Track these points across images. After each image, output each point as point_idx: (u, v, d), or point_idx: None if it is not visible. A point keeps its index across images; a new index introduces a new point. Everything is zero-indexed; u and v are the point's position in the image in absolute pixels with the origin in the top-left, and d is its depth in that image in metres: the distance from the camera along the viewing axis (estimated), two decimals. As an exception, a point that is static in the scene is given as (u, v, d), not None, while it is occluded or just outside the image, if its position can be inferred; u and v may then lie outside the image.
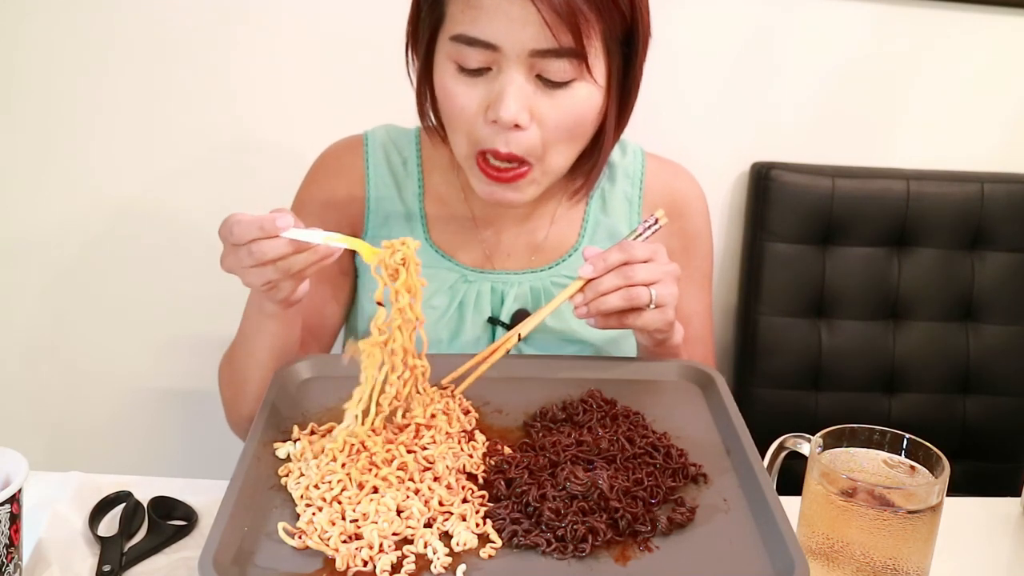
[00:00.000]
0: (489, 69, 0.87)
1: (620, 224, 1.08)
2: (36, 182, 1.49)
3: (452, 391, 0.88)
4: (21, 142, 1.47)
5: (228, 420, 1.04)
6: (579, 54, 0.85)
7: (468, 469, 0.76)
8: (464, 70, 0.88)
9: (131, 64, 1.43)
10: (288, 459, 0.77)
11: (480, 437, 0.81)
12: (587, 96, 0.89)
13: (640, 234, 0.94)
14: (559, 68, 0.86)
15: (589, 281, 0.88)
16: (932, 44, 1.51)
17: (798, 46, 1.50)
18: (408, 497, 0.71)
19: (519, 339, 0.90)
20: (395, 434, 0.79)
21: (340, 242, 0.80)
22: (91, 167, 1.49)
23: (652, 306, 0.88)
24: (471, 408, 0.86)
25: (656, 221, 0.94)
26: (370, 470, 0.74)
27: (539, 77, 0.87)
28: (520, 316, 1.03)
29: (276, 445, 0.79)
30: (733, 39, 1.49)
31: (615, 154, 1.09)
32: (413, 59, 0.96)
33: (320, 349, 1.08)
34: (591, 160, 0.98)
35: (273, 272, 0.79)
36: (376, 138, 1.07)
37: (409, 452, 0.77)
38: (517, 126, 0.87)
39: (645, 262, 0.87)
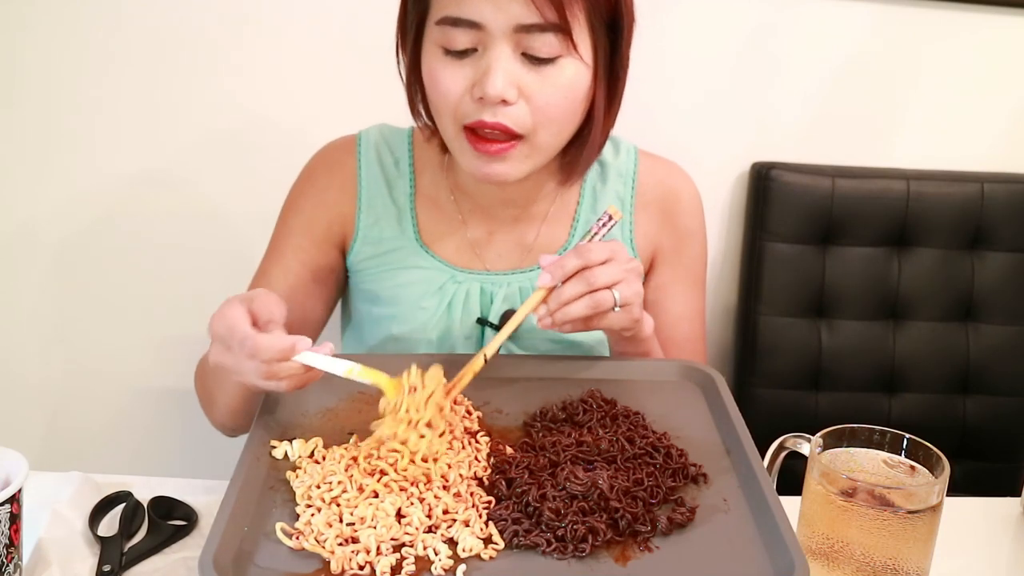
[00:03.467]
0: (475, 50, 0.88)
1: None
2: (36, 180, 1.49)
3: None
4: (21, 140, 1.47)
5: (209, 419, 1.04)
6: (563, 29, 0.86)
7: (478, 475, 0.75)
8: (450, 52, 0.88)
9: (132, 62, 1.43)
10: (285, 459, 0.77)
11: (484, 439, 0.81)
12: (574, 73, 0.89)
13: (595, 233, 0.90)
14: (544, 43, 0.86)
15: (551, 290, 0.85)
16: (932, 44, 1.51)
17: (798, 45, 1.50)
18: (412, 504, 0.71)
19: (485, 361, 0.85)
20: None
21: (363, 377, 0.77)
22: (92, 166, 1.49)
23: (617, 308, 0.86)
24: (472, 409, 0.86)
25: (610, 218, 0.91)
26: (372, 473, 0.74)
27: (525, 55, 0.87)
28: (509, 317, 1.01)
29: (273, 443, 0.79)
30: (733, 39, 1.49)
31: (608, 153, 1.09)
32: (402, 57, 0.98)
33: None
34: (580, 143, 0.97)
35: (273, 385, 0.75)
36: (369, 138, 1.08)
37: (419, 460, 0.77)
38: (504, 101, 0.87)
39: (604, 263, 0.85)
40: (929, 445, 0.76)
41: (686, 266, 1.10)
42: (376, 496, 0.72)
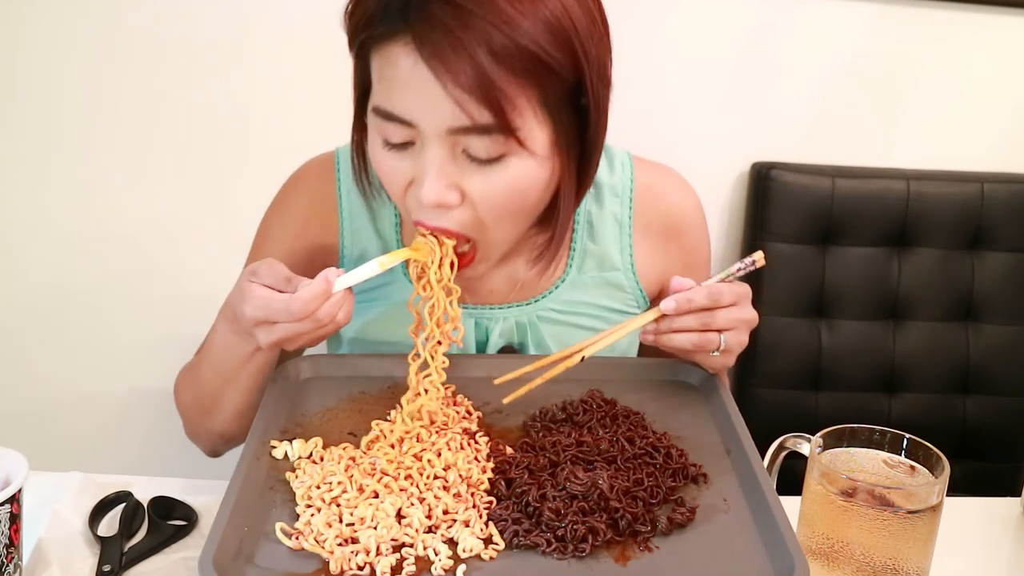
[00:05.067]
0: (413, 143, 0.80)
1: (611, 250, 1.00)
2: (36, 179, 1.49)
3: (454, 392, 0.88)
4: (23, 140, 1.47)
5: (187, 431, 1.00)
6: (504, 129, 0.75)
7: (478, 477, 0.75)
8: (388, 144, 0.81)
9: (131, 66, 1.43)
10: (285, 459, 0.77)
11: (483, 439, 0.81)
12: (523, 171, 0.79)
13: (734, 274, 0.89)
14: (483, 145, 0.77)
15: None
16: (932, 44, 1.51)
17: (798, 46, 1.50)
18: (412, 504, 0.71)
19: (582, 360, 0.85)
20: (403, 441, 0.79)
21: (392, 260, 0.80)
22: (92, 166, 1.49)
23: (716, 353, 0.86)
24: (472, 409, 0.86)
25: (754, 263, 0.89)
26: (372, 474, 0.74)
27: (466, 152, 0.78)
28: (507, 353, 0.99)
29: (273, 444, 0.79)
30: (733, 39, 1.49)
31: (602, 172, 1.00)
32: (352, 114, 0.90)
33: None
34: (548, 229, 0.89)
35: (323, 332, 0.79)
36: (348, 161, 0.97)
37: (418, 459, 0.77)
38: (445, 205, 0.80)
39: (727, 307, 0.85)
40: (929, 445, 0.76)
41: (696, 281, 1.07)
42: (376, 496, 0.72)
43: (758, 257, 0.89)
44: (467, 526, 0.69)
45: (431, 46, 0.73)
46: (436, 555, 0.65)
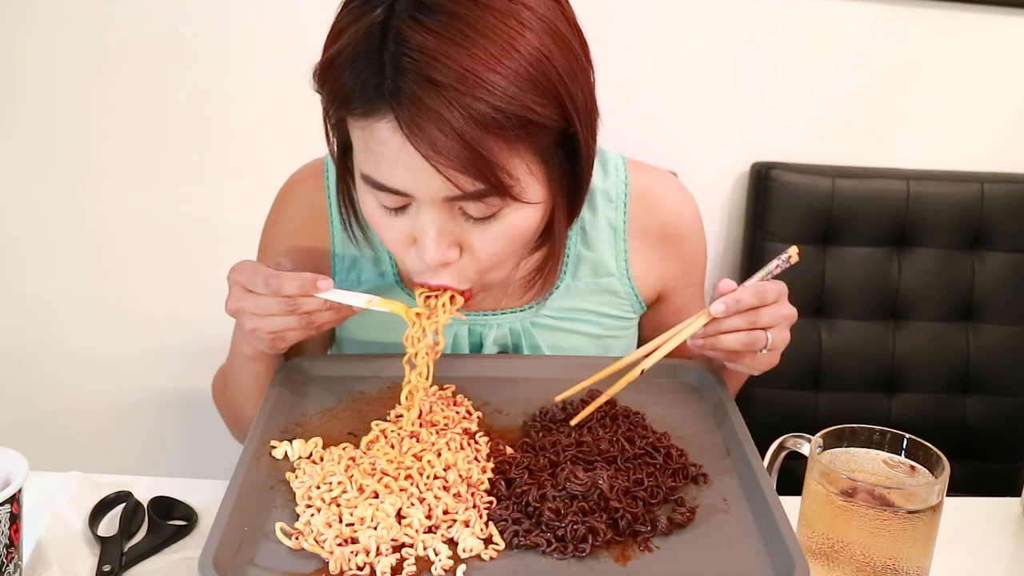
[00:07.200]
0: (409, 205, 0.78)
1: (605, 256, 0.99)
2: (35, 179, 1.49)
3: (454, 392, 0.88)
4: (21, 144, 1.47)
5: (232, 434, 1.04)
6: (500, 192, 0.75)
7: (478, 477, 0.75)
8: (383, 207, 0.79)
9: (130, 71, 1.43)
10: (285, 459, 0.77)
11: (483, 439, 0.81)
12: (521, 219, 0.79)
13: (772, 272, 0.88)
14: (480, 208, 0.76)
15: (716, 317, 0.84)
16: (932, 44, 1.51)
17: (798, 46, 1.50)
18: (412, 504, 0.71)
19: (641, 374, 0.84)
20: (400, 439, 0.79)
21: (382, 307, 0.81)
22: (93, 166, 1.49)
23: (764, 351, 0.85)
24: (472, 410, 0.86)
25: (790, 258, 0.88)
26: (372, 474, 0.74)
27: (463, 211, 0.77)
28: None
29: (273, 444, 0.79)
30: (733, 39, 1.49)
31: (596, 176, 0.98)
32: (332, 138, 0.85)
33: None
34: (543, 247, 0.89)
35: (294, 322, 0.80)
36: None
37: (418, 459, 0.77)
38: (446, 263, 0.80)
39: (771, 304, 0.84)
40: (929, 445, 0.76)
41: (696, 284, 1.07)
42: (376, 496, 0.72)
43: (792, 252, 0.87)
44: (467, 526, 0.69)
45: (416, 127, 0.71)
46: (436, 555, 0.65)
